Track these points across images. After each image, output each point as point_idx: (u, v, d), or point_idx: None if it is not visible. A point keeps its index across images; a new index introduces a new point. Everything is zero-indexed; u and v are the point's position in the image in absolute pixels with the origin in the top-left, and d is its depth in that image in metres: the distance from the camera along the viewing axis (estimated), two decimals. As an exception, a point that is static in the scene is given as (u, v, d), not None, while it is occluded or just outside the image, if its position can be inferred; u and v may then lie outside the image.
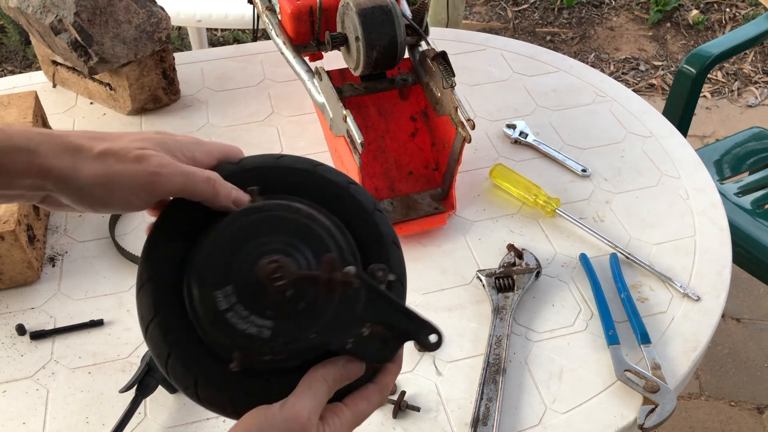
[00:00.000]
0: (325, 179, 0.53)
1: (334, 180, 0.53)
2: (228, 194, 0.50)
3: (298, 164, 0.54)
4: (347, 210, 0.52)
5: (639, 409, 0.78)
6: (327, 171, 0.54)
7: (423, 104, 1.06)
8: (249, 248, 0.48)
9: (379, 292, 0.50)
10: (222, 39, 2.87)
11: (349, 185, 0.54)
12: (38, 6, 1.09)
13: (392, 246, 0.53)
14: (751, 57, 2.85)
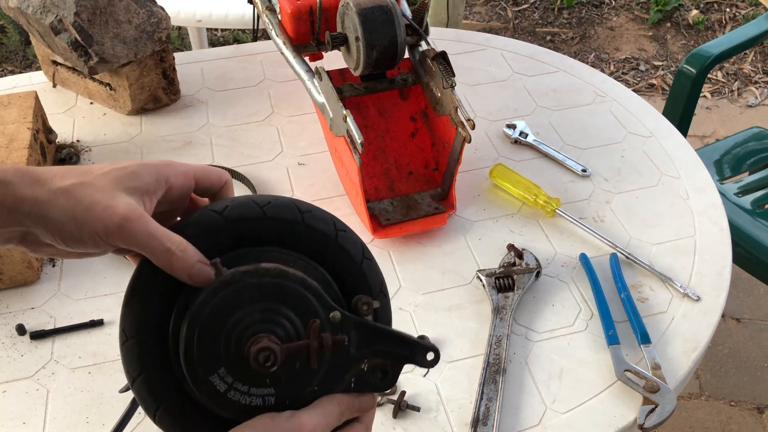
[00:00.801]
0: (311, 229, 0.51)
1: (321, 230, 0.52)
2: (185, 269, 0.47)
3: (284, 213, 0.51)
4: (334, 261, 0.52)
5: (639, 409, 0.78)
6: (314, 219, 0.52)
7: (423, 104, 1.06)
8: (230, 326, 0.47)
9: (368, 326, 0.50)
10: (222, 39, 2.87)
11: (337, 234, 0.52)
12: (38, 6, 1.09)
13: (380, 296, 0.53)
14: (751, 57, 2.85)
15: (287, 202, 0.52)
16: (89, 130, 1.17)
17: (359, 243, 0.54)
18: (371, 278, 0.53)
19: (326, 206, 1.05)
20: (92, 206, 0.46)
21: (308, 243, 0.51)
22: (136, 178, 0.48)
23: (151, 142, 1.15)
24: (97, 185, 0.47)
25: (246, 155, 1.12)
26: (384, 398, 0.79)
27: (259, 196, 0.52)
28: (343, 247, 0.52)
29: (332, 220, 0.53)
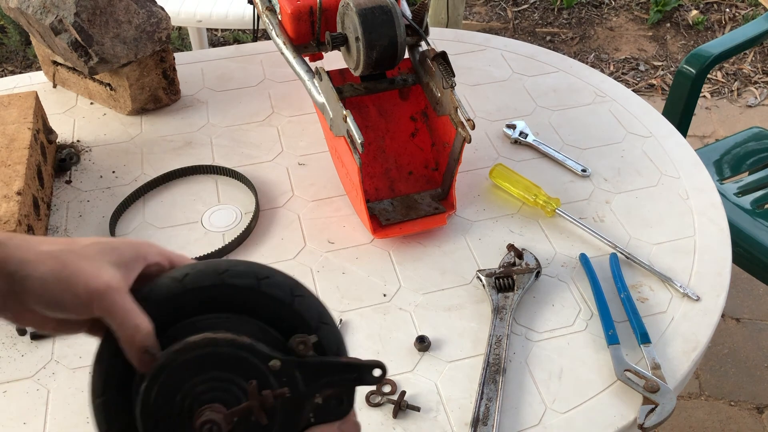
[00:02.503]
0: (266, 296, 0.52)
1: (277, 297, 0.52)
2: (134, 357, 0.50)
3: (241, 280, 0.52)
4: (289, 326, 0.52)
5: (639, 408, 0.78)
6: (271, 286, 0.52)
7: (423, 104, 1.06)
8: (177, 405, 0.49)
9: (310, 364, 0.51)
10: (222, 39, 2.88)
11: (293, 300, 0.53)
12: (38, 6, 1.09)
13: (321, 326, 0.54)
14: (751, 57, 2.85)
15: (249, 266, 0.53)
16: (89, 130, 1.18)
17: (317, 307, 0.54)
18: (306, 313, 0.53)
19: (326, 206, 1.06)
20: (78, 271, 0.48)
21: (263, 310, 0.52)
22: (119, 253, 0.51)
23: (152, 142, 1.15)
24: (83, 254, 0.49)
25: (246, 155, 1.12)
26: (384, 398, 0.79)
27: (221, 262, 0.53)
28: (299, 313, 0.53)
29: (291, 285, 0.54)
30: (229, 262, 0.53)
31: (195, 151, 1.13)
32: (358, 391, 0.53)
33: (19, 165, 0.95)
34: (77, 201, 1.05)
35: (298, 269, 0.94)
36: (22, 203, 0.91)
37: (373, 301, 0.91)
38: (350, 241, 0.99)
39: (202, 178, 1.09)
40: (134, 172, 1.10)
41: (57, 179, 1.08)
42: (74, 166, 1.11)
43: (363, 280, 0.93)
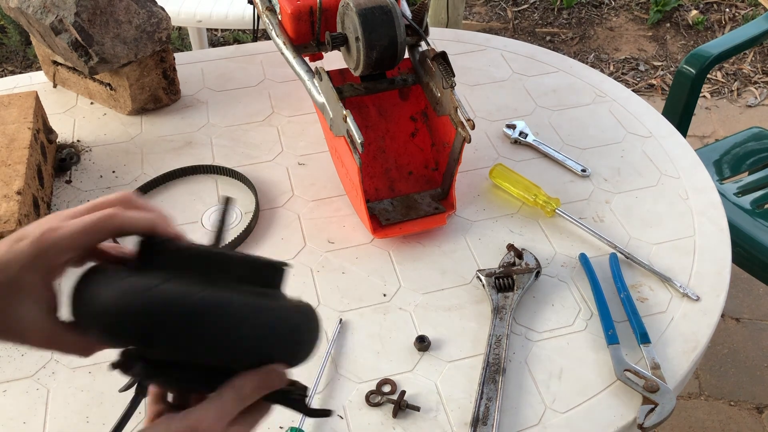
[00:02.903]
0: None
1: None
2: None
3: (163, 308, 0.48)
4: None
5: (638, 408, 0.78)
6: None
7: (423, 104, 1.06)
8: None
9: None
10: (222, 39, 2.88)
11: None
12: (38, 6, 1.09)
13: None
14: (751, 57, 2.85)
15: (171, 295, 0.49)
16: (90, 130, 1.18)
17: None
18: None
19: (326, 206, 1.06)
20: (8, 333, 0.50)
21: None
22: (25, 291, 0.49)
23: (152, 142, 1.15)
24: (3, 310, 0.49)
25: (246, 155, 1.12)
26: (384, 398, 0.79)
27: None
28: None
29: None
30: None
31: (195, 151, 1.13)
32: (359, 392, 0.53)
33: (19, 165, 0.95)
34: (77, 201, 1.05)
35: (298, 269, 0.94)
36: (22, 203, 0.91)
37: (373, 301, 0.91)
38: (350, 241, 0.99)
39: (202, 178, 1.09)
40: (134, 172, 1.10)
41: (57, 179, 1.08)
42: (74, 166, 1.11)
43: (363, 280, 0.93)
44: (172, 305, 0.47)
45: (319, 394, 0.80)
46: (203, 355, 0.49)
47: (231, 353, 0.49)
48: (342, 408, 0.79)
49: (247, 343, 0.49)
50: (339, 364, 0.84)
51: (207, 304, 0.47)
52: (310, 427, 0.77)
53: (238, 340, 0.49)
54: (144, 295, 0.47)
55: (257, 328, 0.49)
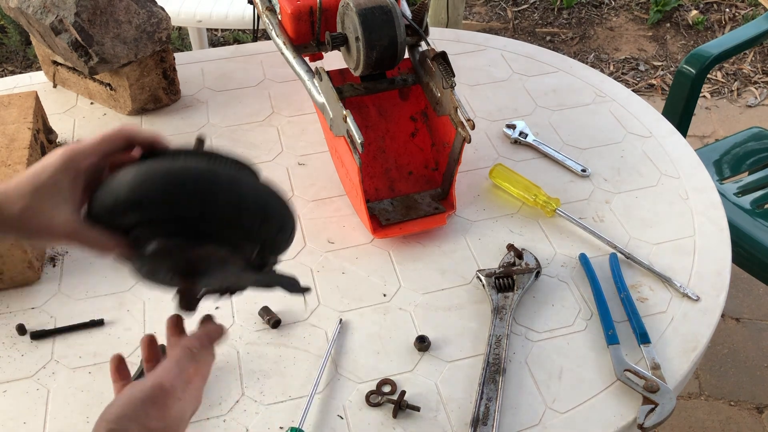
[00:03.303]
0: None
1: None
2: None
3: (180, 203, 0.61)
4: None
5: (639, 408, 0.78)
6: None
7: (423, 104, 1.06)
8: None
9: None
10: (222, 39, 2.88)
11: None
12: (38, 6, 1.09)
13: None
14: (751, 57, 2.85)
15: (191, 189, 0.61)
16: (90, 130, 1.18)
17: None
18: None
19: (326, 206, 1.06)
20: (41, 220, 0.60)
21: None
22: (58, 191, 0.60)
23: (152, 142, 1.15)
24: (43, 196, 0.60)
25: (246, 155, 1.12)
26: (384, 398, 0.79)
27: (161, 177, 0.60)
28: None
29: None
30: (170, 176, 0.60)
31: (195, 151, 1.13)
32: (359, 392, 0.53)
33: (19, 165, 0.95)
34: (77, 201, 1.05)
35: (298, 269, 0.94)
36: None
37: (373, 301, 0.91)
38: (350, 241, 0.99)
39: (202, 178, 1.09)
40: (134, 172, 1.10)
41: (57, 179, 1.08)
42: (74, 166, 1.10)
43: (363, 280, 0.93)
44: (187, 171, 0.59)
45: (319, 394, 0.80)
46: (211, 212, 0.60)
47: (238, 209, 0.61)
48: (342, 408, 0.79)
49: (252, 200, 0.62)
50: (339, 364, 0.84)
51: (217, 171, 0.61)
52: (311, 427, 0.77)
53: (244, 198, 0.61)
54: (163, 166, 0.59)
55: (258, 190, 0.63)
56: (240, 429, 0.77)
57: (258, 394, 0.81)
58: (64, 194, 0.60)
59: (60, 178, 0.60)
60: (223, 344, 0.86)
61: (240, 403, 0.80)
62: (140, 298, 0.91)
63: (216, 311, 0.89)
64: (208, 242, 0.62)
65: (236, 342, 0.86)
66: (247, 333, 0.87)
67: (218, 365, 0.83)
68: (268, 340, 0.86)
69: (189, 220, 0.61)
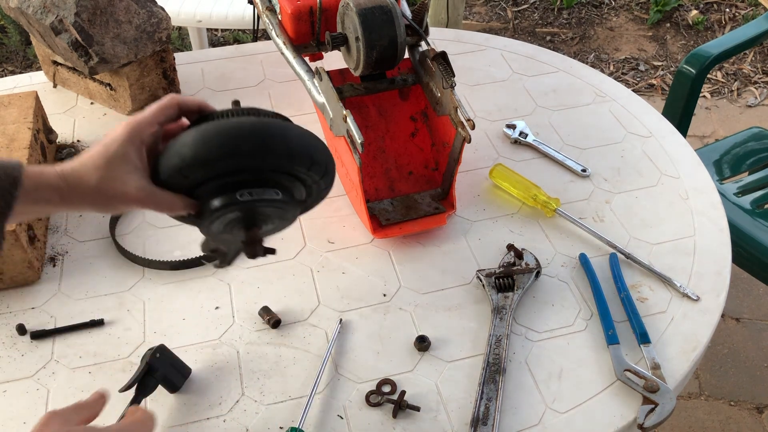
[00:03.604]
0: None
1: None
2: (173, 211, 0.69)
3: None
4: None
5: (639, 408, 0.78)
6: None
7: (423, 104, 1.06)
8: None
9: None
10: (222, 39, 2.88)
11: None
12: (38, 6, 1.09)
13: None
14: (751, 57, 2.85)
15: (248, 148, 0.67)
16: (90, 130, 1.18)
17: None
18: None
19: (326, 206, 1.06)
20: (114, 187, 0.66)
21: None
22: (128, 160, 0.66)
23: (152, 142, 1.15)
24: (114, 169, 0.66)
25: (246, 155, 1.12)
26: (384, 398, 0.79)
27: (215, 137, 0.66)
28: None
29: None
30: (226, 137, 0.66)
31: (195, 151, 1.13)
32: (359, 392, 0.53)
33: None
34: (77, 201, 1.05)
35: (298, 269, 0.94)
36: (22, 203, 0.91)
37: (373, 301, 0.91)
38: (350, 241, 0.99)
39: (202, 178, 1.09)
40: (134, 172, 1.10)
41: (57, 179, 1.08)
42: (74, 166, 1.10)
43: (363, 280, 0.93)
44: (240, 126, 0.66)
45: (319, 394, 0.80)
46: (269, 157, 0.66)
47: (290, 153, 0.68)
48: (342, 408, 0.79)
49: (300, 144, 0.69)
50: (339, 364, 0.84)
51: (266, 122, 0.67)
52: (311, 427, 0.77)
53: (292, 143, 0.68)
54: (219, 125, 0.66)
55: (303, 136, 0.71)
56: (240, 429, 0.77)
57: (258, 394, 0.81)
58: (134, 162, 0.66)
59: (127, 149, 0.66)
60: (223, 344, 0.86)
61: (240, 403, 0.80)
62: (140, 299, 0.91)
63: (216, 311, 0.89)
64: (268, 188, 0.68)
65: (236, 342, 0.86)
66: (247, 333, 0.87)
67: (218, 365, 0.84)
68: (268, 340, 0.86)
69: (250, 170, 0.67)
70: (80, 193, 0.66)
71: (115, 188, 0.66)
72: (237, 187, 0.67)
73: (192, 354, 0.85)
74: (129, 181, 0.66)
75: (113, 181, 0.66)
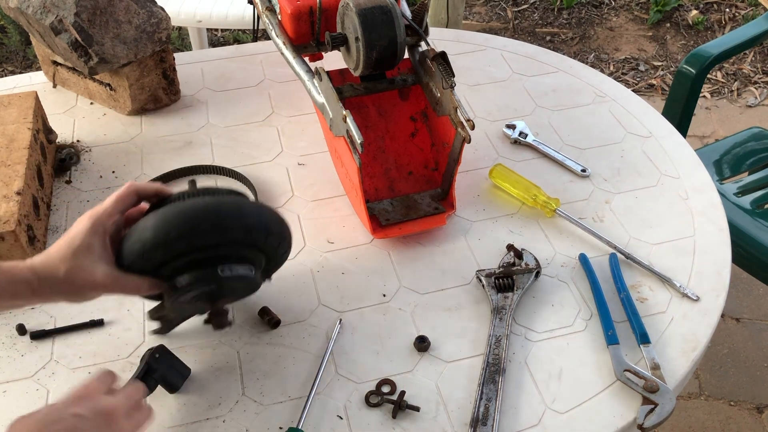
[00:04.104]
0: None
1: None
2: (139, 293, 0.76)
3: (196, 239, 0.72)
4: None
5: (638, 409, 0.78)
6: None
7: (423, 104, 1.06)
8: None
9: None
10: (222, 39, 2.88)
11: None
12: (38, 6, 1.09)
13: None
14: (751, 57, 2.85)
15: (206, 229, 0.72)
16: (89, 131, 1.18)
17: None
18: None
19: (326, 206, 1.06)
20: (82, 277, 0.71)
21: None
22: (92, 251, 0.71)
23: (151, 143, 1.15)
24: (80, 258, 0.71)
25: (246, 155, 1.12)
26: (383, 398, 0.79)
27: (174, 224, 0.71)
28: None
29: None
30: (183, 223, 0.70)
31: (195, 151, 1.13)
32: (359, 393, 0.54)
33: (19, 165, 0.95)
34: (77, 201, 1.05)
35: (298, 269, 0.94)
36: (21, 203, 0.91)
37: (372, 301, 0.91)
38: (350, 241, 0.99)
39: (201, 178, 1.09)
40: (134, 172, 1.10)
41: (57, 179, 1.08)
42: (74, 166, 1.11)
43: (362, 280, 0.93)
44: (195, 208, 0.70)
45: (318, 394, 0.80)
46: (224, 236, 0.71)
47: (245, 229, 0.72)
48: (341, 408, 0.79)
49: (254, 220, 0.73)
50: (338, 365, 0.84)
51: (221, 201, 0.72)
52: (310, 427, 0.77)
53: (246, 219, 0.72)
54: (175, 208, 0.70)
55: (256, 210, 0.73)
56: (239, 429, 0.77)
57: (258, 395, 0.81)
58: (98, 252, 0.71)
59: (91, 240, 0.71)
60: (222, 345, 0.86)
61: (240, 404, 0.80)
62: (140, 299, 0.91)
63: (216, 311, 0.89)
64: (228, 263, 0.73)
65: (236, 342, 0.86)
66: (247, 333, 0.87)
67: (218, 365, 0.83)
68: (267, 341, 0.86)
69: (209, 247, 0.72)
70: (50, 285, 0.70)
71: (83, 278, 0.71)
72: (198, 264, 0.72)
73: (191, 354, 0.85)
74: (95, 270, 0.71)
75: (81, 272, 0.70)
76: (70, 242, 0.71)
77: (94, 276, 0.71)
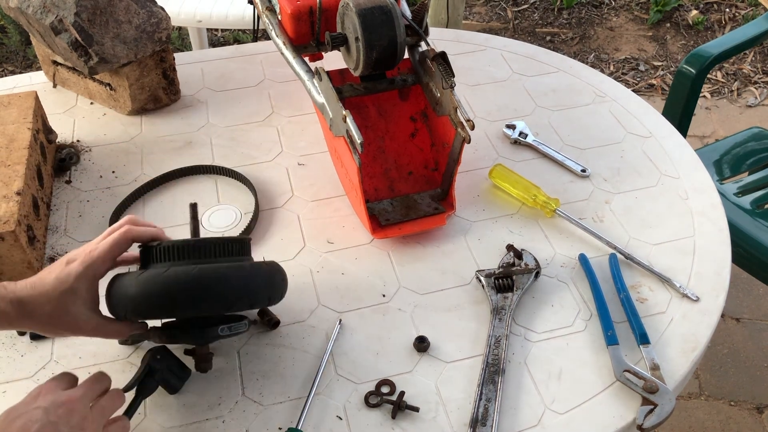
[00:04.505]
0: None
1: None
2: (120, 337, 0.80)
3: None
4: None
5: (638, 409, 0.78)
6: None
7: (423, 104, 1.06)
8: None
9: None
10: (222, 39, 2.88)
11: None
12: (38, 6, 1.09)
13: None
14: (751, 57, 2.85)
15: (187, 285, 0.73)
16: (89, 131, 1.18)
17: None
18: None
19: (326, 206, 1.06)
20: (66, 321, 0.73)
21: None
22: (79, 295, 0.73)
23: (151, 143, 1.15)
24: (66, 301, 0.72)
25: (246, 155, 1.12)
26: (383, 399, 0.79)
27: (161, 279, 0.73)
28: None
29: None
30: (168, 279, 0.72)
31: (195, 151, 1.13)
32: (359, 393, 0.54)
33: (19, 165, 0.95)
34: (77, 201, 1.05)
35: (297, 269, 0.94)
36: (21, 203, 0.91)
37: (372, 301, 0.91)
38: (350, 242, 0.99)
39: (201, 178, 1.09)
40: (134, 172, 1.10)
41: (57, 179, 1.08)
42: (74, 166, 1.11)
43: (362, 281, 0.93)
44: (176, 281, 0.71)
45: (318, 394, 0.80)
46: (205, 309, 0.72)
47: (226, 303, 0.73)
48: (341, 409, 0.79)
49: (236, 293, 0.73)
50: (338, 365, 0.84)
51: (201, 274, 0.71)
52: (310, 427, 0.77)
53: (228, 293, 0.72)
54: (156, 280, 0.71)
55: (241, 281, 0.73)
56: (239, 429, 0.77)
57: (257, 395, 0.81)
58: (83, 297, 0.73)
59: (80, 285, 0.72)
60: (222, 345, 0.86)
61: (239, 404, 0.80)
62: (140, 299, 0.91)
63: (215, 311, 0.89)
64: (216, 324, 0.76)
65: (235, 342, 0.86)
66: (246, 333, 0.87)
67: (218, 366, 0.83)
68: (267, 341, 0.86)
69: (187, 319, 0.77)
70: (31, 320, 0.72)
71: (67, 321, 0.73)
72: (189, 321, 0.77)
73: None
74: (78, 315, 0.73)
75: (65, 315, 0.72)
76: (59, 284, 0.72)
77: (76, 320, 0.73)
